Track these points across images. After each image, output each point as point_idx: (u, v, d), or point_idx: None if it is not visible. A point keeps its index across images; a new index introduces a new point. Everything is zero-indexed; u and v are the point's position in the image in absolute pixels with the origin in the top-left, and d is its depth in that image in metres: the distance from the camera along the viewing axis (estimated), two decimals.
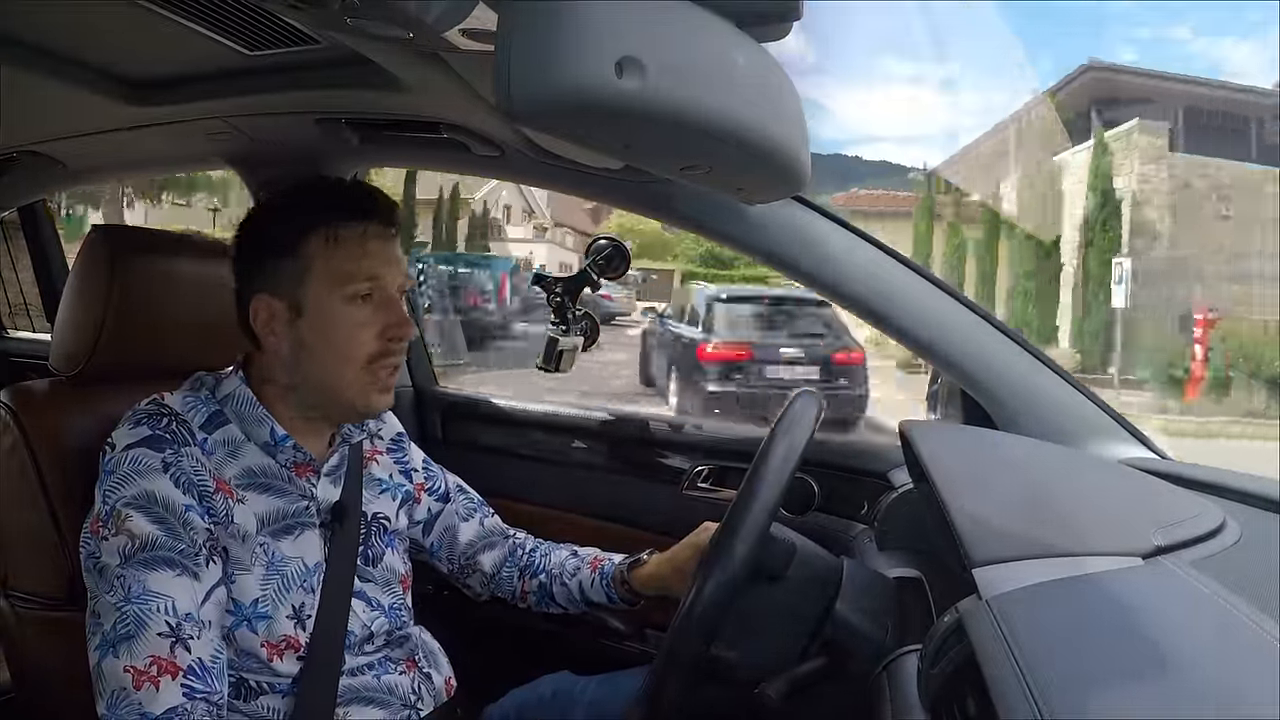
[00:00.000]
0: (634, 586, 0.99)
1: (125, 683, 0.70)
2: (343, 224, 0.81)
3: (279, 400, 0.84)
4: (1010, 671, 0.48)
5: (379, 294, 0.82)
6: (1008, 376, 1.04)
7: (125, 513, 0.74)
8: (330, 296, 0.81)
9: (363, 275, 0.81)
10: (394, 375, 0.85)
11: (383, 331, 0.82)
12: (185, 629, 0.72)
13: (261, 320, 0.83)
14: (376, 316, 0.82)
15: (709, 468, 1.28)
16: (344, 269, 0.81)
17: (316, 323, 0.81)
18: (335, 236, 0.81)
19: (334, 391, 0.83)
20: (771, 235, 1.05)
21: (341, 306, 0.81)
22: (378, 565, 0.91)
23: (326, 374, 0.82)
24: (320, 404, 0.85)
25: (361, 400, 0.84)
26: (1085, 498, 0.82)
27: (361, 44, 0.84)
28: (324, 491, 0.87)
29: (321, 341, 0.81)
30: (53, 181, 1.72)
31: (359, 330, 0.81)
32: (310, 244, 0.81)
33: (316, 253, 0.81)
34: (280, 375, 0.84)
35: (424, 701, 0.91)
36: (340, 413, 0.86)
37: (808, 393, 0.86)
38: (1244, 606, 0.55)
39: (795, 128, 0.55)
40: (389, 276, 0.83)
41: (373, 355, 0.82)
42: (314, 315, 0.81)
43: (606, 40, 0.40)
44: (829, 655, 0.80)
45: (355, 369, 0.82)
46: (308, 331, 0.81)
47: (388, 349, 0.83)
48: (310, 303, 0.81)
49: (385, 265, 0.83)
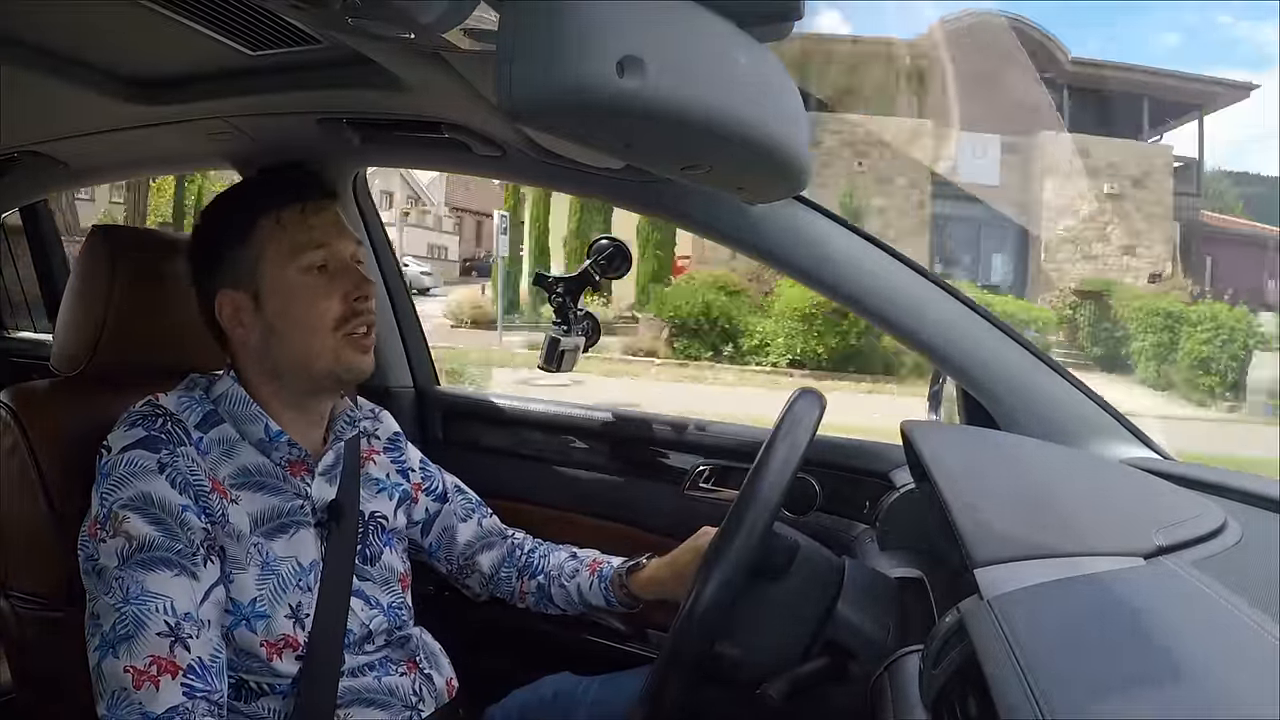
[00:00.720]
0: (632, 591, 0.99)
1: (125, 683, 0.70)
2: (283, 206, 0.85)
3: (269, 393, 0.85)
4: (1012, 672, 0.48)
5: (333, 262, 0.85)
6: (1009, 376, 1.04)
7: (122, 515, 0.75)
8: (285, 274, 0.83)
9: (312, 245, 0.84)
10: (369, 335, 0.86)
11: (345, 296, 0.84)
12: (184, 628, 0.72)
13: (228, 315, 0.85)
14: (335, 284, 0.84)
15: (710, 467, 1.28)
16: (292, 243, 0.83)
17: (278, 303, 0.83)
18: (279, 219, 0.84)
19: (311, 364, 0.84)
20: (772, 235, 1.05)
21: (298, 279, 0.83)
22: (376, 564, 0.91)
23: (299, 349, 0.83)
24: (304, 383, 0.85)
25: (340, 364, 0.84)
26: (1086, 498, 0.81)
27: (363, 44, 0.84)
28: (319, 490, 0.87)
29: (286, 320, 0.83)
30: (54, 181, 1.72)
31: (320, 299, 0.83)
32: (258, 231, 0.84)
33: (265, 238, 0.84)
34: (259, 366, 0.85)
35: (425, 703, 0.91)
36: (324, 384, 0.86)
37: (809, 392, 0.86)
38: (1245, 607, 0.55)
39: (796, 127, 0.55)
40: (338, 244, 0.86)
41: (339, 318, 0.84)
42: (274, 296, 0.83)
43: (607, 40, 0.40)
44: (830, 655, 0.80)
45: (325, 336, 0.83)
46: (272, 315, 0.83)
47: (354, 309, 0.84)
48: (268, 286, 0.83)
49: (332, 234, 0.86)
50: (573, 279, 1.26)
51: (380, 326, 1.46)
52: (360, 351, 0.85)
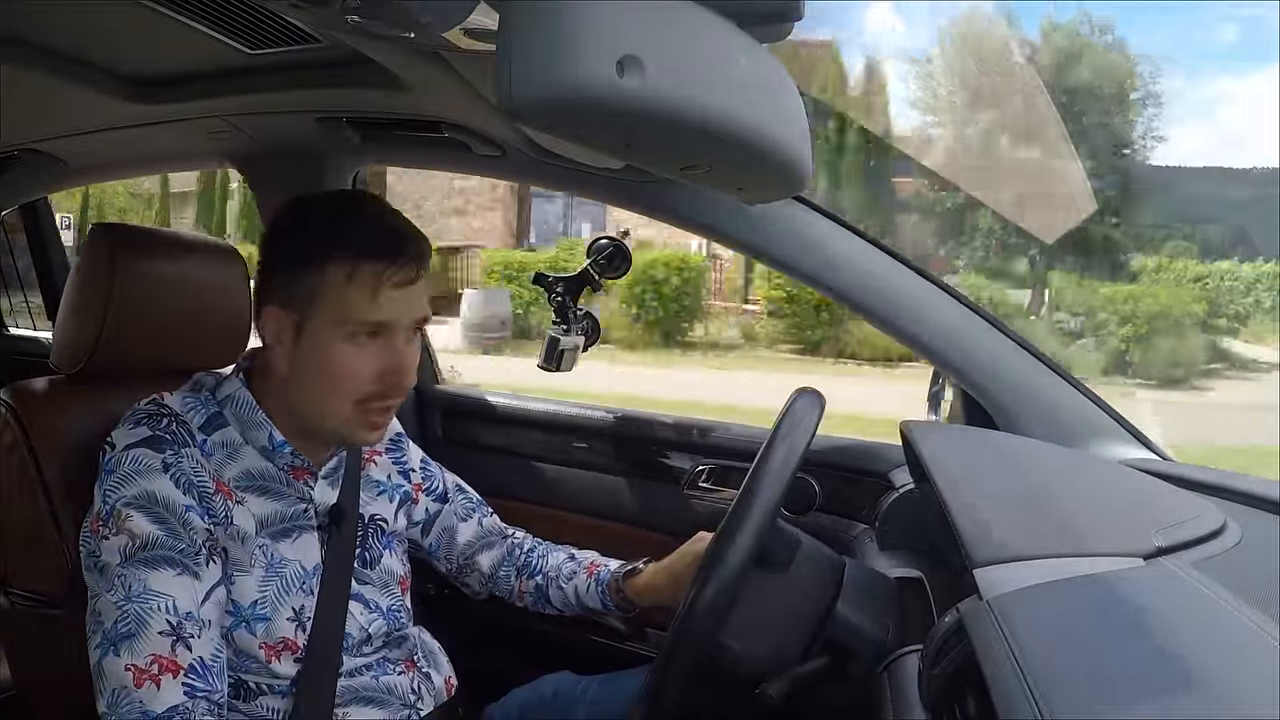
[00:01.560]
0: (628, 595, 0.98)
1: (126, 681, 0.70)
2: (365, 260, 0.77)
3: (278, 410, 0.83)
4: (1011, 672, 0.48)
5: (385, 335, 0.79)
6: (1009, 377, 1.04)
7: (125, 512, 0.74)
8: (333, 330, 0.78)
9: (371, 319, 0.78)
10: (387, 415, 0.83)
11: (381, 374, 0.79)
12: (186, 628, 0.72)
13: (270, 331, 0.81)
14: (378, 357, 0.79)
15: (710, 467, 1.28)
16: (353, 306, 0.77)
17: (315, 350, 0.79)
18: (354, 271, 0.77)
19: (321, 420, 0.82)
20: (772, 235, 1.05)
21: (342, 343, 0.78)
22: (375, 567, 0.91)
23: (316, 402, 0.81)
24: (310, 426, 0.83)
25: (348, 433, 0.82)
26: (1086, 498, 0.82)
27: (363, 43, 0.84)
28: (321, 494, 0.87)
29: (315, 371, 0.79)
30: (54, 179, 1.72)
31: (356, 368, 0.78)
32: (327, 270, 0.77)
33: (331, 281, 0.77)
34: (278, 388, 0.83)
35: (424, 701, 0.91)
36: (328, 437, 0.85)
37: (809, 392, 0.86)
38: (1245, 608, 0.55)
39: (796, 128, 0.55)
40: (401, 320, 0.79)
41: (366, 396, 0.79)
42: (313, 342, 0.78)
43: (607, 39, 0.40)
44: (830, 655, 0.80)
45: (346, 405, 0.80)
46: (305, 355, 0.79)
47: (383, 392, 0.80)
48: (313, 328, 0.78)
49: (398, 309, 0.79)
50: (572, 279, 1.26)
51: None
52: (371, 429, 0.82)
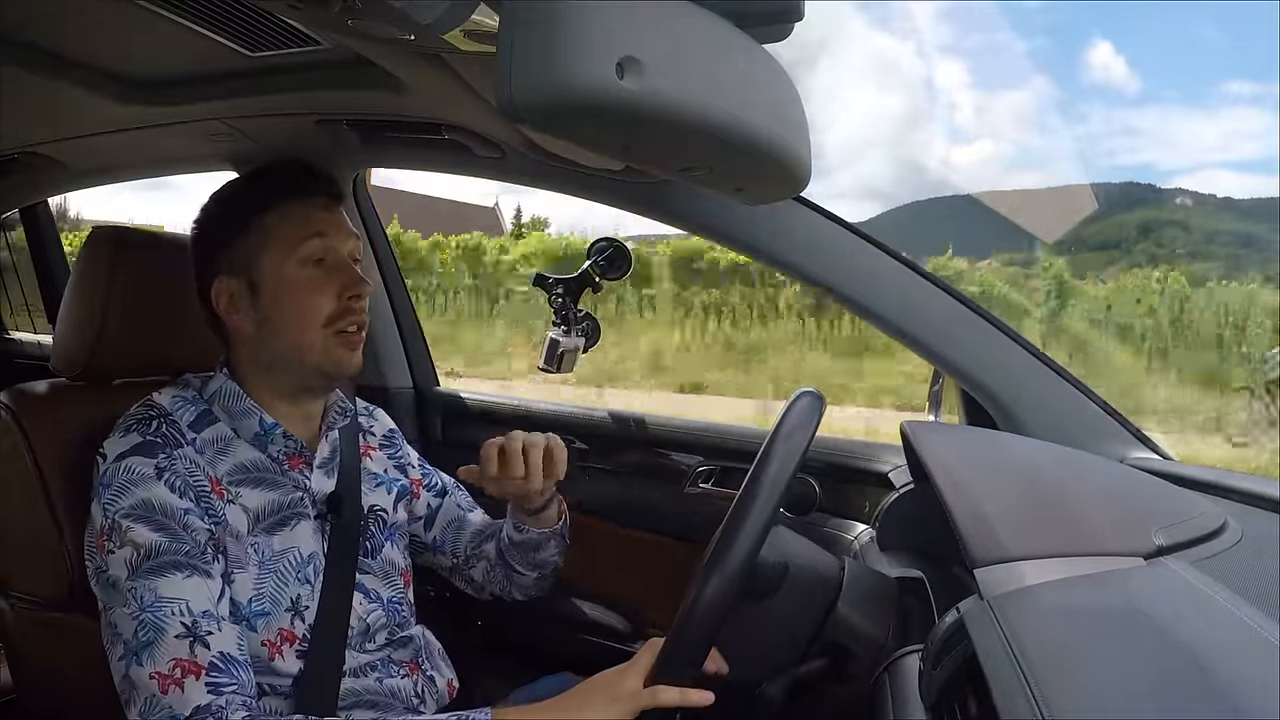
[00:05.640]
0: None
1: (153, 689, 0.71)
2: (290, 197, 0.86)
3: (262, 386, 0.86)
4: (1011, 672, 0.48)
5: (330, 257, 0.85)
6: (1009, 376, 1.04)
7: (126, 524, 0.75)
8: (283, 265, 0.84)
9: (311, 236, 0.84)
10: (360, 333, 0.87)
11: (339, 292, 0.85)
12: (202, 626, 0.73)
13: (224, 303, 0.85)
14: (330, 278, 0.85)
15: (711, 467, 1.28)
16: (293, 239, 0.84)
17: (273, 293, 0.84)
18: (284, 210, 0.85)
19: (301, 357, 0.84)
20: (772, 236, 1.05)
21: (295, 272, 0.84)
22: (376, 557, 0.92)
23: (291, 341, 0.84)
24: (295, 377, 0.86)
25: (328, 361, 0.85)
26: (1087, 498, 0.81)
27: (362, 45, 0.84)
28: (318, 483, 0.88)
29: (280, 310, 0.84)
30: (54, 183, 1.71)
31: (314, 293, 0.84)
32: (265, 220, 0.84)
33: (267, 226, 0.84)
34: (253, 356, 0.86)
35: (427, 704, 0.91)
36: (314, 379, 0.87)
37: (809, 393, 0.85)
38: (1245, 607, 0.55)
39: (796, 128, 0.55)
40: (338, 239, 0.86)
41: (332, 315, 0.84)
42: (270, 286, 0.84)
43: (607, 41, 0.40)
44: (830, 655, 0.79)
45: (316, 331, 0.84)
46: (267, 303, 0.84)
47: (347, 307, 0.85)
48: (265, 275, 0.84)
49: (332, 229, 0.86)
50: (573, 280, 1.26)
51: (380, 327, 1.48)
52: (349, 349, 0.86)
